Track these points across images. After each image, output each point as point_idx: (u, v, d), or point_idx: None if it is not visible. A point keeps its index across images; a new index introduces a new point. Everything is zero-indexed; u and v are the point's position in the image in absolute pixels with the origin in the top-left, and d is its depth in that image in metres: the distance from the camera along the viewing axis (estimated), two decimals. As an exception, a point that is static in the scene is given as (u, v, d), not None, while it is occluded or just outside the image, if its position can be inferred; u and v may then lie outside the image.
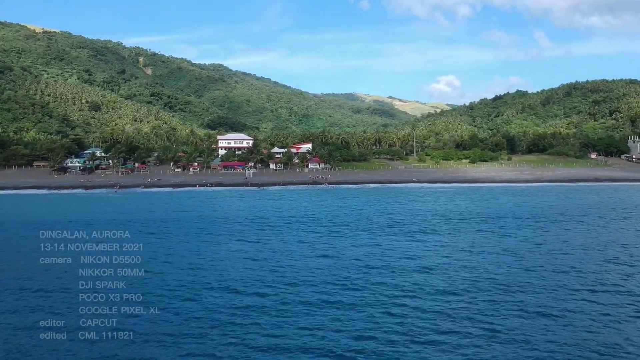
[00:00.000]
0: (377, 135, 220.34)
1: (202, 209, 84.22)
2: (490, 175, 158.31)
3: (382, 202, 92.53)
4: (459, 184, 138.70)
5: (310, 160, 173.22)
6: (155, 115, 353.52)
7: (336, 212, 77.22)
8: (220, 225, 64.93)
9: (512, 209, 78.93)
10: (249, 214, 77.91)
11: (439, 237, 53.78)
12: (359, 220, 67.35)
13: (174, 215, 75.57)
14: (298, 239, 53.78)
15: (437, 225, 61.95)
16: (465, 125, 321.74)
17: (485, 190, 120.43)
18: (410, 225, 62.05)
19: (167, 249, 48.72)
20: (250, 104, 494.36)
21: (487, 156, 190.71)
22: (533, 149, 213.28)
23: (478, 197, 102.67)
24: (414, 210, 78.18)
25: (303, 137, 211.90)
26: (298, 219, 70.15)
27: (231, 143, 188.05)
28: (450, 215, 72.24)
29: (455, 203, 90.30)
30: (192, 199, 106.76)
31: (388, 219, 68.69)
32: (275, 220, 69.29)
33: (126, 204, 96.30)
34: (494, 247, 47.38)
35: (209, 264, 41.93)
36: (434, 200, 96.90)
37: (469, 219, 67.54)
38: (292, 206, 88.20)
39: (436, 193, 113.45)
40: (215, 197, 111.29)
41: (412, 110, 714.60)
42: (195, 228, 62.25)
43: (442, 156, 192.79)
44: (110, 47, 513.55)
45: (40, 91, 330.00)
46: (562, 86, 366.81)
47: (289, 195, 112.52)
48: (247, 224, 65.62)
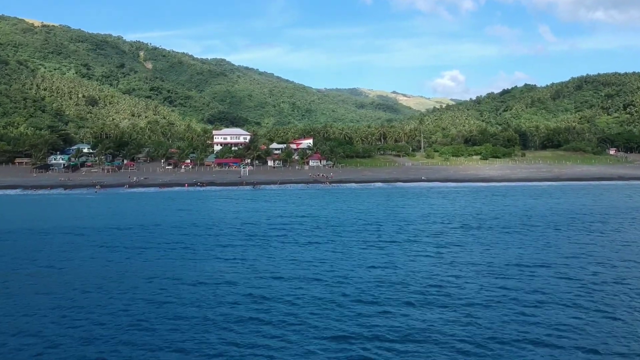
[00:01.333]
0: (382, 130, 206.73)
1: (181, 214, 71.29)
2: (505, 173, 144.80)
3: (391, 205, 79.20)
4: (472, 183, 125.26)
5: (311, 157, 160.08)
6: (153, 110, 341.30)
7: (338, 218, 64.04)
8: (193, 235, 51.96)
9: (544, 214, 65.47)
10: (235, 220, 64.95)
11: (472, 254, 40.68)
12: (367, 230, 54.23)
13: (142, 221, 62.71)
14: (291, 257, 41.05)
15: (470, 236, 48.76)
16: (472, 119, 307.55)
17: (503, 190, 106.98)
18: (434, 237, 48.82)
19: (99, 268, 35.81)
20: (252, 99, 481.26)
21: (500, 152, 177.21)
22: (547, 144, 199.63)
23: (499, 198, 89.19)
24: (432, 216, 64.89)
25: (304, 132, 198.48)
26: (294, 227, 57.17)
27: (227, 138, 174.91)
28: (475, 222, 58.98)
29: (475, 206, 76.91)
30: (175, 201, 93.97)
31: (402, 228, 55.54)
32: (265, 229, 56.43)
33: (97, 208, 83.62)
34: (573, 275, 34.26)
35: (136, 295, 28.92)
36: (451, 202, 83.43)
37: (501, 228, 54.24)
38: (288, 210, 75.07)
39: (450, 193, 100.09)
40: (203, 198, 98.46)
41: (416, 105, 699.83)
42: (157, 240, 49.33)
43: (452, 152, 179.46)
44: (110, 41, 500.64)
45: (36, 85, 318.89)
46: (572, 79, 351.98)
47: (285, 197, 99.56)
48: (229, 235, 52.75)
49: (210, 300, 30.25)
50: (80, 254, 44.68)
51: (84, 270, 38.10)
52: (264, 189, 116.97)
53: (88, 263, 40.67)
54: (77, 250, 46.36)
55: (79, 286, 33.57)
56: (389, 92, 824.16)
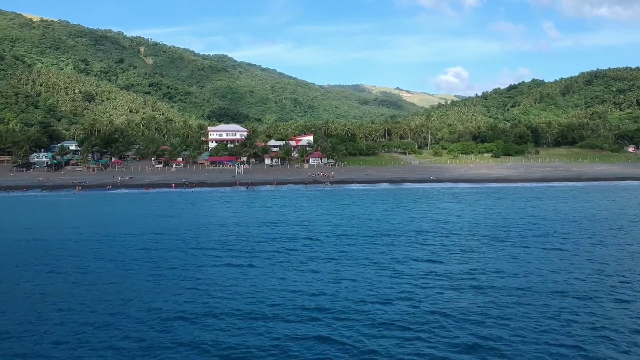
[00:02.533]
0: (386, 126, 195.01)
1: (158, 222, 60.35)
2: (520, 172, 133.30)
3: (401, 211, 67.99)
4: (487, 184, 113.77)
5: (311, 155, 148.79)
6: (151, 106, 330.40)
7: (340, 228, 52.90)
8: (164, 250, 41.09)
9: (583, 222, 54.27)
10: (220, 230, 54.18)
11: (515, 279, 29.71)
12: (377, 244, 43.14)
13: (108, 232, 51.86)
14: (278, 286, 30.41)
15: (503, 253, 37.67)
16: (479, 115, 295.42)
17: (522, 192, 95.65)
18: (459, 255, 37.78)
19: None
20: (254, 95, 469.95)
21: (512, 150, 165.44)
22: (561, 141, 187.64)
23: (521, 202, 77.74)
24: (451, 225, 53.68)
25: (304, 129, 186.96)
26: (287, 240, 46.23)
27: (223, 135, 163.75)
28: (503, 232, 47.81)
29: (498, 211, 65.64)
30: (157, 204, 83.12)
31: (417, 242, 44.45)
32: (253, 242, 45.61)
33: (66, 213, 72.94)
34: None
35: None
36: (469, 207, 71.83)
37: (540, 243, 43.06)
38: (283, 217, 63.93)
39: (464, 195, 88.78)
40: (190, 201, 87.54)
41: (420, 101, 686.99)
42: (117, 257, 38.46)
43: (461, 149, 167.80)
44: (110, 36, 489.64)
45: (32, 81, 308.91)
46: (581, 74, 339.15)
47: (282, 199, 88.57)
48: (209, 249, 41.89)
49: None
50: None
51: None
52: (259, 190, 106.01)
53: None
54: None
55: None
56: (392, 89, 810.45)
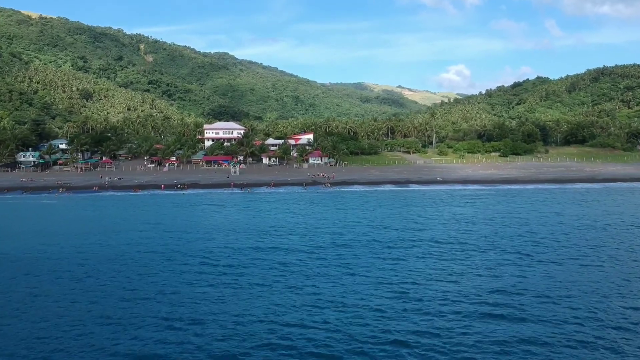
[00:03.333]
0: (389, 124, 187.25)
1: (139, 230, 53.16)
2: (531, 172, 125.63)
3: (410, 217, 60.62)
4: (497, 186, 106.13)
5: (311, 154, 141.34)
6: (150, 104, 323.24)
7: (342, 238, 45.66)
8: (137, 266, 33.92)
9: (616, 231, 46.85)
10: (207, 240, 47.09)
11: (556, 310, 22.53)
12: (385, 260, 35.92)
13: (78, 242, 44.70)
14: (267, 316, 23.58)
15: (536, 271, 30.39)
16: (484, 113, 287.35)
17: (537, 195, 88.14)
18: (486, 279, 30.58)
19: None
20: (255, 93, 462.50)
21: (520, 148, 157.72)
22: (571, 140, 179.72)
23: (539, 205, 70.26)
24: (469, 235, 46.37)
25: (304, 126, 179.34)
26: (281, 253, 39.04)
27: (219, 133, 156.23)
28: (529, 246, 40.50)
29: (518, 217, 58.25)
30: (143, 208, 76.03)
31: (431, 255, 37.22)
32: (242, 255, 38.47)
33: (41, 218, 65.90)
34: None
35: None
36: (483, 212, 64.43)
37: (584, 257, 35.76)
38: (278, 223, 56.72)
39: (475, 198, 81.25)
40: (180, 204, 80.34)
41: (422, 99, 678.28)
42: (80, 276, 31.36)
43: (467, 148, 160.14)
44: (110, 33, 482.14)
45: (29, 78, 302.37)
46: (588, 71, 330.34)
47: (278, 203, 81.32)
48: (189, 265, 34.71)
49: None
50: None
51: None
52: (255, 192, 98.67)
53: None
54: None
55: None
56: (394, 87, 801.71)
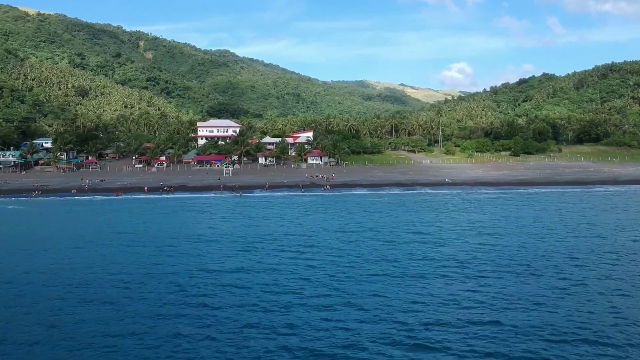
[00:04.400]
0: (393, 121, 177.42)
1: (94, 245, 43.73)
2: (546, 173, 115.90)
3: (422, 230, 51.04)
4: (512, 188, 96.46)
5: (310, 153, 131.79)
6: (147, 101, 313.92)
7: (347, 261, 36.17)
8: (82, 293, 24.60)
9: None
10: (180, 261, 37.59)
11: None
12: (399, 296, 26.52)
13: (19, 263, 35.38)
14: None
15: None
16: (490, 111, 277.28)
17: (560, 199, 78.45)
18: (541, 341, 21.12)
19: None
20: (255, 90, 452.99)
21: (532, 147, 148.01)
22: (584, 138, 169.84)
23: (570, 213, 60.58)
24: (501, 259, 36.85)
25: (303, 124, 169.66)
26: (269, 279, 29.56)
27: (214, 131, 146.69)
28: (597, 275, 30.98)
29: (548, 228, 48.66)
30: (116, 214, 66.58)
31: (464, 287, 27.77)
32: (217, 283, 28.88)
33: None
34: None
35: None
36: (507, 221, 54.63)
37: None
38: (269, 236, 47.22)
39: (492, 204, 71.61)
40: (162, 210, 70.95)
41: (424, 97, 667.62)
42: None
43: (475, 147, 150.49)
44: (109, 30, 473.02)
45: (24, 75, 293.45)
46: (596, 68, 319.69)
47: (271, 208, 71.77)
48: (154, 294, 25.27)
49: None
50: None
51: None
52: (247, 196, 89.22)
53: None
54: None
55: None
56: (396, 85, 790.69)
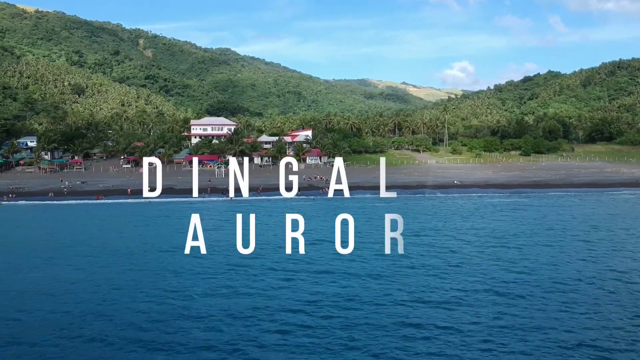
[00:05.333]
0: (396, 119, 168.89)
1: (46, 265, 35.73)
2: (561, 174, 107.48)
3: (442, 248, 42.90)
4: (526, 191, 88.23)
5: (309, 153, 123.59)
6: (145, 99, 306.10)
7: (354, 307, 28.18)
8: None
9: None
10: (125, 298, 29.59)
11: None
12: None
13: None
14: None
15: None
16: (495, 109, 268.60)
17: (583, 204, 70.21)
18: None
19: None
20: (256, 89, 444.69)
21: (544, 146, 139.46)
22: (596, 137, 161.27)
23: (606, 222, 52.40)
24: (538, 278, 28.77)
25: (303, 122, 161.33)
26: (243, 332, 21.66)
27: (208, 129, 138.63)
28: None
29: (595, 248, 40.55)
30: (87, 221, 58.63)
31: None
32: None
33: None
34: None
35: None
36: (535, 233, 46.43)
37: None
38: (251, 263, 39.13)
39: (510, 209, 63.32)
40: (135, 216, 63.03)
41: (426, 96, 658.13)
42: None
43: (483, 146, 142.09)
44: (109, 28, 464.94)
45: (19, 72, 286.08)
46: (603, 65, 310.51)
47: (261, 217, 63.45)
48: None
49: None
50: None
51: None
52: (238, 200, 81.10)
53: None
54: None
55: None
56: (398, 83, 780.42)
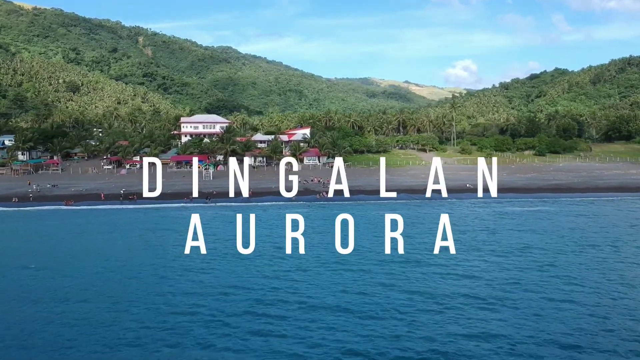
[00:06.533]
0: (400, 117, 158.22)
1: None
2: (582, 176, 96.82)
3: (467, 278, 32.69)
4: (549, 196, 77.77)
5: (306, 153, 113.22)
6: (142, 97, 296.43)
7: None
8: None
9: None
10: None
11: None
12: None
13: None
14: None
15: None
16: (502, 107, 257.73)
17: (620, 212, 59.75)
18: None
19: None
20: (257, 87, 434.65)
21: (559, 146, 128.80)
22: (613, 135, 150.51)
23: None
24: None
25: (301, 120, 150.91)
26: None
27: (199, 127, 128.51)
28: None
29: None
30: (41, 234, 48.53)
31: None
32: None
33: None
34: None
35: None
36: (584, 254, 36.20)
37: None
38: (224, 299, 29.09)
39: (538, 219, 52.88)
40: (101, 228, 52.96)
41: (429, 94, 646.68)
42: None
43: (494, 146, 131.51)
44: (108, 25, 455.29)
45: (13, 70, 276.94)
46: (613, 62, 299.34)
47: (248, 228, 53.22)
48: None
49: None
50: None
51: None
52: (224, 206, 70.91)
53: None
54: None
55: None
56: (401, 82, 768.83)
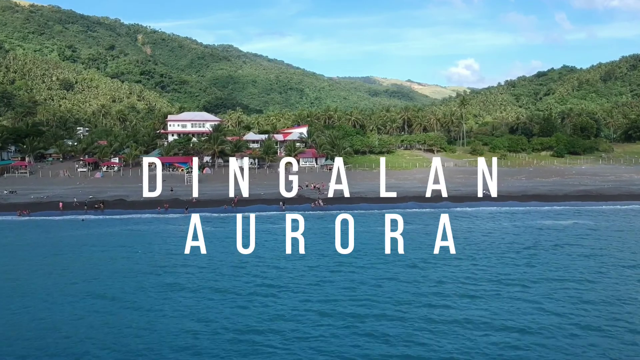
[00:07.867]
0: (405, 115, 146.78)
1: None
2: (610, 181, 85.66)
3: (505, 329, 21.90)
4: (579, 204, 66.45)
5: (302, 154, 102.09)
6: (138, 95, 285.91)
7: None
8: None
9: None
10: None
11: None
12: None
13: None
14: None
15: None
16: (509, 105, 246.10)
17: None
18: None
19: None
20: (257, 85, 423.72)
21: (579, 146, 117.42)
22: (634, 135, 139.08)
23: None
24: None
25: (298, 119, 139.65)
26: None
27: (187, 126, 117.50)
28: None
29: None
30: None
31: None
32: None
33: None
34: None
35: None
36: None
37: None
38: None
39: (581, 238, 41.77)
40: (51, 250, 41.98)
41: (432, 93, 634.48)
42: None
43: (508, 146, 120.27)
44: (106, 23, 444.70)
45: (6, 67, 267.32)
46: (623, 58, 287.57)
47: (214, 255, 42.40)
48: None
49: None
50: None
51: None
52: (203, 217, 59.82)
53: None
54: None
55: None
56: (403, 81, 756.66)
